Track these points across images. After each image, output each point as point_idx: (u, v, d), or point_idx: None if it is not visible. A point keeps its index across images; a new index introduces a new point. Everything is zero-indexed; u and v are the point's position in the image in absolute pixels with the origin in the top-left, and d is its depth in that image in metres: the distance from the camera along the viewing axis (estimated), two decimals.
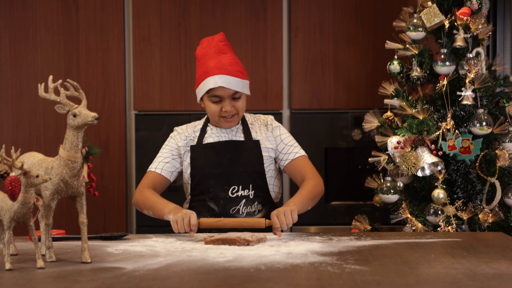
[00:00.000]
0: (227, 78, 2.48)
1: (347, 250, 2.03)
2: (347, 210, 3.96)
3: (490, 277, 1.65)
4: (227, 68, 2.49)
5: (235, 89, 2.50)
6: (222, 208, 2.52)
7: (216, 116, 2.56)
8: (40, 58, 4.00)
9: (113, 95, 4.01)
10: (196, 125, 2.70)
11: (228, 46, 2.59)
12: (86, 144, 1.89)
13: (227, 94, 2.50)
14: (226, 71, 2.49)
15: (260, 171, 2.57)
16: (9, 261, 1.78)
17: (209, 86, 2.49)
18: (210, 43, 2.58)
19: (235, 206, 2.52)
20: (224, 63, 2.50)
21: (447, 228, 2.94)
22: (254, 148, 2.58)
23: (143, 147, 3.99)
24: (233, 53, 2.59)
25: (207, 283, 1.63)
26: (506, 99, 3.12)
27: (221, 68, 2.49)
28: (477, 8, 3.09)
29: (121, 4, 4.00)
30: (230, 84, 2.48)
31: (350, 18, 4.00)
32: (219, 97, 2.51)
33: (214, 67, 2.49)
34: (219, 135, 2.62)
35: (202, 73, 2.53)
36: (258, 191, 2.56)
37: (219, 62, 2.50)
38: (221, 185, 2.53)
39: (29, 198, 1.77)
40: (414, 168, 3.00)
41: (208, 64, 2.51)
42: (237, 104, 2.54)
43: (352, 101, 4.01)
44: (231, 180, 2.53)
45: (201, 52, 2.58)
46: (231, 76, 2.49)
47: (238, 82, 2.50)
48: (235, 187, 2.53)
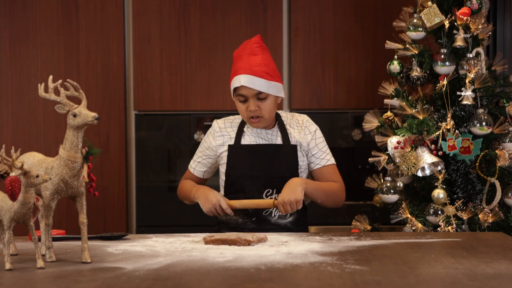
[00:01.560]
0: (251, 78, 2.53)
1: (347, 250, 2.03)
2: (347, 210, 3.96)
3: (490, 277, 1.65)
4: (253, 68, 2.55)
5: (259, 89, 2.54)
6: (255, 209, 2.59)
7: (244, 117, 2.62)
8: (40, 58, 4.00)
9: (113, 95, 4.01)
10: (235, 120, 2.73)
11: (262, 48, 2.63)
12: (86, 144, 1.89)
13: (251, 93, 2.55)
14: (251, 71, 2.54)
15: (295, 175, 2.61)
16: (9, 261, 1.78)
17: (234, 85, 2.57)
18: (246, 45, 2.64)
19: (268, 209, 2.59)
20: (251, 63, 2.56)
21: (447, 228, 2.94)
22: (291, 152, 2.63)
23: (143, 147, 3.99)
24: (266, 55, 2.62)
25: (207, 283, 1.63)
26: (506, 99, 3.12)
27: (247, 68, 2.55)
28: (477, 8, 3.09)
29: (121, 4, 4.00)
30: (253, 84, 2.53)
31: (350, 18, 4.00)
32: (244, 96, 2.57)
33: (241, 67, 2.57)
34: (257, 136, 2.67)
35: (232, 73, 2.61)
36: None
37: (247, 62, 2.57)
38: (256, 187, 2.60)
39: (29, 198, 1.77)
40: (414, 168, 3.00)
41: (238, 65, 2.59)
42: (262, 104, 2.57)
43: (352, 101, 4.01)
44: (267, 183, 2.59)
45: (236, 53, 2.65)
46: (256, 76, 2.54)
47: (262, 83, 2.54)
48: (270, 190, 2.60)
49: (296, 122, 2.71)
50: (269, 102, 2.59)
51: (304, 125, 2.69)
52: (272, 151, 2.62)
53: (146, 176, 4.00)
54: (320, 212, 3.96)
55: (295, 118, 2.73)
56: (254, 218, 2.60)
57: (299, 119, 2.72)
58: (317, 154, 2.68)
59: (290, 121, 2.71)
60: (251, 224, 2.61)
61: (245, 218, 2.60)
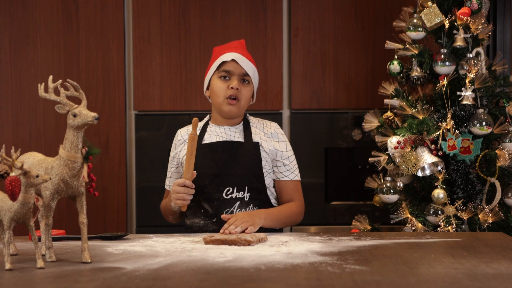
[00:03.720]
0: (242, 57, 2.55)
1: (347, 250, 2.03)
2: (347, 210, 3.96)
3: (490, 277, 1.65)
4: (243, 52, 2.58)
5: (247, 70, 2.54)
6: (215, 209, 2.49)
7: (221, 97, 2.55)
8: (40, 58, 4.00)
9: (113, 95, 4.01)
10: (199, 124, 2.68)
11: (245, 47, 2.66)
12: (86, 144, 1.89)
13: (237, 71, 2.55)
14: (242, 52, 2.57)
15: (258, 174, 2.53)
16: (9, 261, 1.78)
17: (223, 59, 2.55)
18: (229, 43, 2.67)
19: (229, 208, 2.49)
20: (238, 48, 2.59)
21: (447, 228, 2.94)
22: (253, 149, 2.54)
23: (143, 147, 3.99)
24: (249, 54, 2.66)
25: (207, 283, 1.63)
26: (506, 99, 3.12)
27: (237, 48, 2.58)
28: (477, 8, 3.09)
29: (121, 4, 4.00)
30: (243, 63, 2.54)
31: (350, 18, 4.00)
32: (229, 73, 2.55)
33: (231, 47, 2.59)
34: (218, 134, 2.59)
35: (215, 57, 2.60)
36: (255, 193, 2.52)
37: (234, 48, 2.59)
38: (216, 186, 2.50)
39: (29, 198, 1.77)
40: (414, 168, 3.00)
41: (224, 49, 2.60)
42: (243, 89, 2.55)
43: (352, 101, 4.01)
44: (226, 181, 2.50)
45: (218, 47, 2.65)
46: (245, 57, 2.56)
47: (250, 66, 2.56)
48: (230, 189, 2.50)
49: (264, 125, 2.63)
50: (249, 89, 2.57)
51: (274, 131, 2.61)
52: (231, 148, 2.54)
53: (146, 176, 4.00)
54: (320, 212, 3.97)
55: (264, 122, 2.66)
56: (214, 219, 2.49)
57: (268, 124, 2.65)
58: (288, 166, 2.59)
59: (257, 124, 2.63)
60: (212, 225, 2.49)
61: (206, 220, 2.50)
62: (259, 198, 2.53)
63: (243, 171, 2.50)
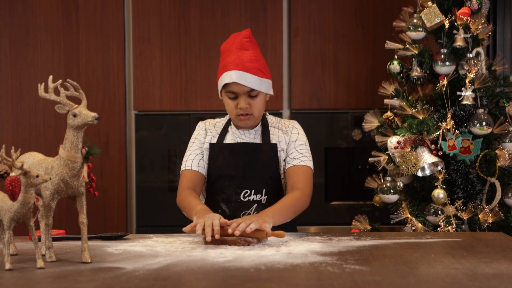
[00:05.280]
0: (243, 74, 2.42)
1: (347, 250, 2.03)
2: (347, 210, 3.96)
3: (490, 277, 1.65)
4: (245, 64, 2.43)
5: (251, 86, 2.43)
6: (232, 211, 2.47)
7: (232, 114, 2.50)
8: (40, 58, 4.00)
9: (113, 95, 4.01)
10: (220, 121, 2.64)
11: (253, 43, 2.52)
12: (86, 144, 1.89)
13: (242, 90, 2.44)
14: (243, 67, 2.43)
15: (276, 176, 2.50)
16: (9, 261, 1.78)
17: (225, 81, 2.44)
18: (234, 39, 2.53)
19: (246, 210, 2.47)
20: (243, 59, 2.44)
21: (447, 228, 2.94)
22: (271, 152, 2.51)
23: (143, 147, 3.99)
24: (257, 50, 2.52)
25: (207, 283, 1.63)
26: (506, 99, 3.12)
27: (238, 64, 2.43)
28: (477, 8, 3.09)
29: (121, 4, 4.00)
30: (246, 80, 2.42)
31: (350, 18, 4.00)
32: (234, 93, 2.45)
33: (232, 63, 2.44)
34: (239, 136, 2.55)
35: (221, 67, 2.49)
36: (272, 196, 2.49)
37: (238, 58, 2.45)
38: (234, 188, 2.48)
39: (29, 198, 1.77)
40: (414, 168, 3.00)
41: (228, 59, 2.46)
42: (253, 102, 2.46)
43: (352, 101, 4.01)
44: (244, 183, 2.48)
45: (225, 47, 2.53)
46: (248, 73, 2.43)
47: (255, 80, 2.43)
48: (248, 191, 2.48)
49: (282, 124, 2.60)
50: (260, 100, 2.48)
51: (289, 129, 2.57)
52: (250, 150, 2.50)
53: (146, 176, 4.00)
54: (320, 212, 3.97)
55: (283, 122, 2.61)
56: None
57: (287, 123, 2.60)
58: (292, 154, 2.52)
59: (276, 124, 2.60)
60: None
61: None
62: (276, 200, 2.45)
63: (261, 174, 2.48)
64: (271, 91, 2.53)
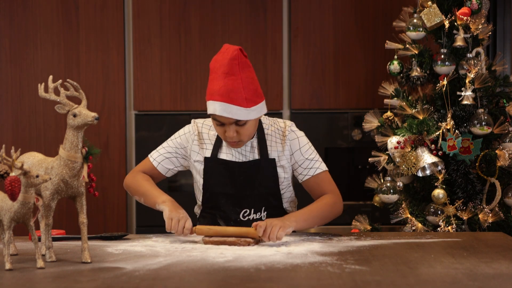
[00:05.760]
0: (228, 106, 2.25)
1: (347, 250, 2.03)
2: (347, 210, 3.94)
3: (490, 277, 1.65)
4: (230, 95, 2.26)
5: (236, 117, 2.27)
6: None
7: (222, 138, 2.39)
8: (40, 58, 4.00)
9: (113, 95, 4.01)
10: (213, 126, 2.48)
11: (242, 64, 2.29)
12: (86, 144, 1.89)
13: (228, 121, 2.29)
14: (228, 99, 2.26)
15: (275, 193, 2.43)
16: (9, 261, 1.78)
17: (209, 111, 2.32)
18: (222, 59, 2.31)
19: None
20: (229, 88, 2.26)
21: (447, 228, 2.94)
22: (269, 167, 2.41)
23: (143, 147, 3.99)
24: (246, 72, 2.30)
25: (207, 283, 1.63)
26: (506, 99, 3.12)
27: (223, 95, 2.26)
28: (477, 8, 3.09)
29: (121, 4, 4.00)
30: (230, 113, 2.26)
31: (350, 18, 4.00)
32: (220, 122, 2.31)
33: (217, 92, 2.28)
34: (234, 150, 2.43)
35: (208, 92, 2.35)
36: (272, 211, 2.43)
37: (224, 86, 2.27)
38: (232, 207, 2.41)
39: (29, 198, 1.77)
40: (414, 168, 3.00)
41: (214, 86, 2.31)
42: (242, 129, 2.31)
43: (352, 101, 4.01)
44: (243, 202, 2.40)
45: (213, 66, 2.35)
46: (234, 104, 2.26)
47: (240, 111, 2.26)
48: (247, 211, 2.41)
49: (277, 130, 2.46)
50: (249, 126, 2.32)
51: (286, 135, 2.43)
52: (248, 168, 2.39)
53: None
54: None
55: (277, 125, 2.47)
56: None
57: (281, 126, 2.46)
58: (304, 164, 2.43)
59: (272, 130, 2.45)
60: None
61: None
62: (276, 215, 2.37)
63: (260, 192, 2.41)
64: (264, 111, 2.37)
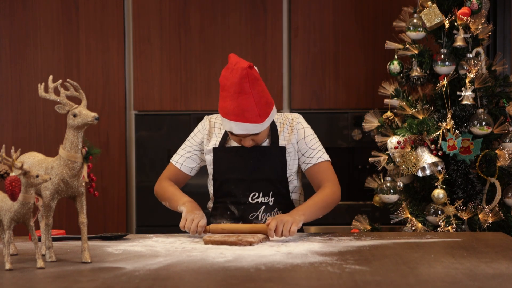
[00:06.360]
0: (243, 125, 2.38)
1: (347, 250, 2.03)
2: (347, 210, 3.95)
3: (490, 277, 1.65)
4: (245, 114, 2.35)
5: (252, 133, 2.42)
6: (241, 212, 2.51)
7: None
8: (40, 58, 4.00)
9: (113, 95, 4.01)
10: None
11: (253, 81, 2.35)
12: (86, 144, 1.89)
13: (244, 135, 2.44)
14: (243, 118, 2.36)
15: (283, 179, 2.52)
16: (9, 261, 1.78)
17: (226, 128, 2.44)
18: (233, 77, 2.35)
19: (255, 212, 2.50)
20: (243, 108, 2.35)
21: (447, 228, 2.94)
22: (279, 155, 2.52)
23: (143, 147, 3.99)
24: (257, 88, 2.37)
25: (207, 283, 1.63)
26: (506, 99, 3.12)
27: (238, 115, 2.36)
28: (477, 8, 3.09)
29: (121, 4, 4.00)
30: (246, 130, 2.40)
31: (350, 18, 4.00)
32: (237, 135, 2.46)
33: (232, 112, 2.36)
34: None
35: (221, 108, 2.41)
36: (279, 198, 2.52)
37: (237, 107, 2.35)
38: (242, 191, 2.51)
39: (29, 198, 1.77)
40: (414, 168, 3.00)
41: (227, 105, 2.37)
42: (257, 137, 2.46)
43: (352, 101, 4.01)
44: (252, 186, 2.50)
45: (223, 83, 2.39)
46: (249, 123, 2.37)
47: (255, 127, 2.40)
48: (256, 194, 2.51)
49: (286, 120, 2.58)
50: (263, 132, 2.47)
51: (293, 125, 2.56)
52: (258, 153, 2.51)
53: (146, 176, 4.00)
54: None
55: (286, 117, 2.60)
56: (241, 221, 2.49)
57: (289, 118, 2.58)
58: (307, 152, 2.54)
59: (281, 121, 2.58)
60: None
61: (232, 222, 2.50)
62: (283, 202, 2.53)
63: (268, 177, 2.51)
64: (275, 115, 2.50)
